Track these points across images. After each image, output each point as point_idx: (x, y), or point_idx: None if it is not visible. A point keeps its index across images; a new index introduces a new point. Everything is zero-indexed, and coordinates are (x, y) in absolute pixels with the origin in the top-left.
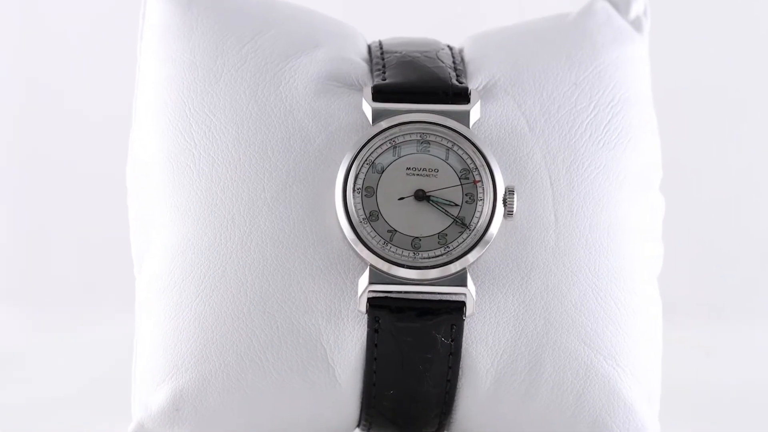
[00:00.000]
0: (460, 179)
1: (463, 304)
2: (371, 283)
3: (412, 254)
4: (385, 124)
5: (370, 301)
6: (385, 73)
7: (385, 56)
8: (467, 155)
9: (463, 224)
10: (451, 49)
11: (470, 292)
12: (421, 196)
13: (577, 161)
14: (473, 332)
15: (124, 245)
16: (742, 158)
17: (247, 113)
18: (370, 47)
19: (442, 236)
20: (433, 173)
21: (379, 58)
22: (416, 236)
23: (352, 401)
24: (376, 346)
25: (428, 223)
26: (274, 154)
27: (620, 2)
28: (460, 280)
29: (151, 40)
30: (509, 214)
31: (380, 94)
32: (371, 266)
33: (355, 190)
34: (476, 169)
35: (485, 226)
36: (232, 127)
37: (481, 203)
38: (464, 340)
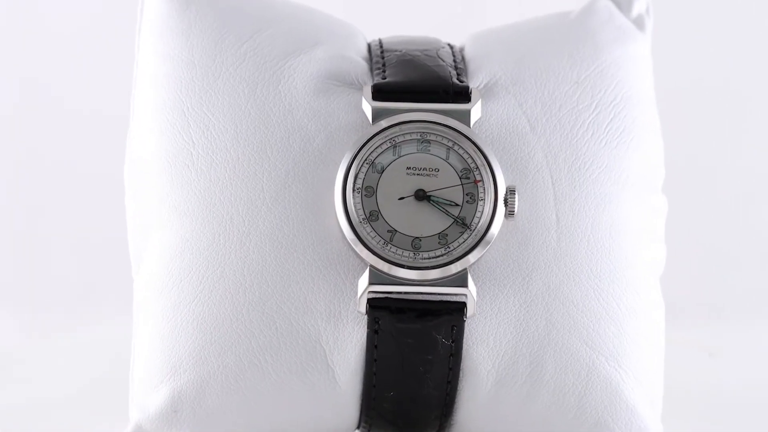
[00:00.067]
0: (460, 179)
1: (463, 304)
2: (371, 283)
3: (412, 254)
4: (385, 123)
5: (370, 301)
6: (385, 71)
7: (385, 55)
8: (468, 155)
9: (463, 224)
10: (451, 47)
11: (471, 292)
12: (421, 195)
13: (578, 161)
14: (474, 333)
15: (122, 246)
16: (745, 158)
17: (245, 112)
18: (370, 46)
19: (442, 236)
20: (433, 173)
21: (379, 56)
22: (416, 236)
23: (351, 403)
24: (376, 347)
25: (429, 223)
26: (273, 153)
27: (622, 0)
28: (460, 280)
29: (149, 38)
30: (510, 214)
31: (380, 93)
32: (371, 267)
33: (354, 189)
34: (477, 168)
35: (486, 226)
36: (230, 126)
37: (482, 203)
38: (465, 341)
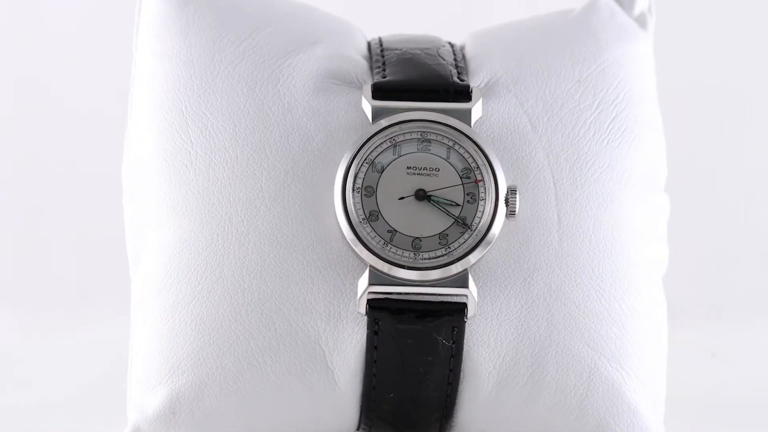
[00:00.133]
0: (461, 178)
1: (464, 305)
2: (371, 284)
3: (412, 255)
4: (385, 122)
5: (369, 302)
6: (385, 70)
7: (385, 53)
8: (468, 154)
9: (464, 224)
10: (452, 46)
11: (472, 293)
12: (421, 195)
13: (580, 160)
14: (475, 334)
15: (121, 246)
16: (746, 158)
17: (244, 111)
18: (369, 44)
19: (443, 236)
20: (433, 172)
21: (379, 55)
22: (417, 236)
23: (351, 404)
24: (375, 348)
25: (429, 223)
26: (272, 153)
27: None
28: (461, 281)
29: (147, 37)
30: (511, 214)
31: (380, 92)
32: (371, 267)
33: (354, 189)
34: (478, 168)
35: (487, 226)
36: (229, 125)
37: (482, 203)
38: (465, 342)
